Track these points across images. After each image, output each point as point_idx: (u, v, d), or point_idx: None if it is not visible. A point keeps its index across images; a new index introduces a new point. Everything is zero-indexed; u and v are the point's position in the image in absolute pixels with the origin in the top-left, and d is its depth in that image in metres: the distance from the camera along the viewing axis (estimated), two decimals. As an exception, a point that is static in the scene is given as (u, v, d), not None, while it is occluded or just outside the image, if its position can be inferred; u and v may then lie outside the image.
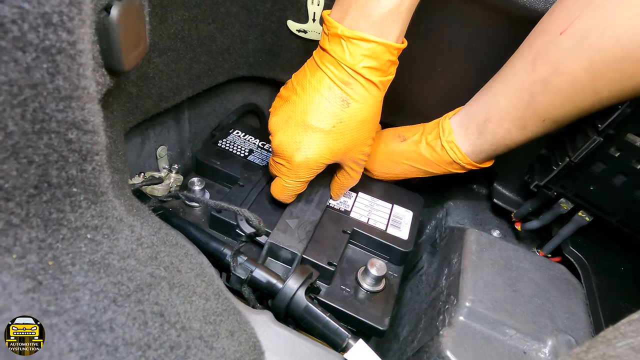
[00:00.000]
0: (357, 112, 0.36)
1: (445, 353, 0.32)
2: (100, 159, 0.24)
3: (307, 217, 0.42)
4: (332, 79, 0.36)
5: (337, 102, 0.36)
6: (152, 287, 0.26)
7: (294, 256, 0.39)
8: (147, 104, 0.42)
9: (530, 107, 0.36)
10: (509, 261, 0.40)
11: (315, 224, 0.42)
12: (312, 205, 0.44)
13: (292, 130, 0.37)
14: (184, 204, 0.44)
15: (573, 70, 0.33)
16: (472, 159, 0.43)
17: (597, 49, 0.31)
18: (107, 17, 0.24)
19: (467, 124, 0.42)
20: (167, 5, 0.39)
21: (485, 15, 0.42)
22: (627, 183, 0.37)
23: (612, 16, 0.30)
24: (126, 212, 0.27)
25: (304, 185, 0.40)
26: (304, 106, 0.37)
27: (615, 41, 0.30)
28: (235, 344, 0.27)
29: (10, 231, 0.21)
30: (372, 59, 0.35)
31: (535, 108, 0.36)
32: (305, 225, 0.41)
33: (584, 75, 0.32)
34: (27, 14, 0.19)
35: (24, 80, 0.20)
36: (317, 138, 0.37)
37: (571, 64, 0.33)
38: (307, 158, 0.37)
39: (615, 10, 0.30)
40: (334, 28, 0.34)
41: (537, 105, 0.36)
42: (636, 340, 0.19)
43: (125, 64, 0.25)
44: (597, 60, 0.31)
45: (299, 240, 0.39)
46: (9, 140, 0.20)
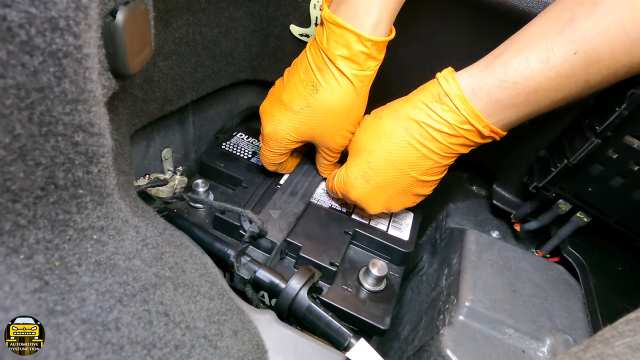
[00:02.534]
0: (323, 101, 0.37)
1: (445, 352, 0.32)
2: (106, 161, 0.25)
3: (290, 209, 0.43)
4: (310, 63, 0.37)
5: (308, 86, 0.37)
6: (157, 287, 0.26)
7: (273, 245, 0.39)
8: (152, 107, 0.43)
9: (565, 31, 0.29)
10: (508, 261, 0.41)
11: (297, 216, 0.42)
12: (297, 198, 0.44)
13: (270, 103, 0.40)
14: (188, 206, 0.45)
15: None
16: (471, 99, 0.33)
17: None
18: (112, 22, 0.24)
19: (473, 65, 0.35)
20: (172, 9, 0.40)
21: (486, 19, 0.42)
22: (625, 184, 0.37)
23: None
24: (131, 213, 0.28)
25: (278, 156, 0.43)
26: (285, 84, 0.39)
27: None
28: (239, 343, 0.28)
29: (17, 232, 0.22)
30: (343, 47, 0.35)
31: (571, 32, 0.29)
32: (288, 217, 0.42)
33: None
34: (34, 18, 0.19)
35: (31, 83, 0.20)
36: (287, 116, 0.39)
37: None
38: (275, 131, 0.40)
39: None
40: (322, 10, 0.35)
41: (575, 29, 0.29)
42: (633, 339, 0.19)
43: (131, 67, 0.26)
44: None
45: (280, 230, 0.40)
46: (17, 142, 0.20)
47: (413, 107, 0.36)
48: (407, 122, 0.36)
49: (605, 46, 0.28)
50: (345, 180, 0.39)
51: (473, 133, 0.34)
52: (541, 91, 0.31)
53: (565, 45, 0.30)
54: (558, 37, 0.30)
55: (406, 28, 0.45)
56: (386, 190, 0.38)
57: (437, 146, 0.35)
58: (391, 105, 0.39)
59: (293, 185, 0.46)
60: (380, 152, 0.37)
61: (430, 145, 0.35)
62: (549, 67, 0.30)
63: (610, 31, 0.28)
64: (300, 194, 0.45)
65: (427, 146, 0.36)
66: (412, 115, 0.36)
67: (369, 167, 0.38)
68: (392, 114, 0.37)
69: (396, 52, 0.48)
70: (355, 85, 0.37)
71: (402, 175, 0.37)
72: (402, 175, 0.37)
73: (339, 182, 0.40)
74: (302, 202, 0.44)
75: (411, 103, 0.36)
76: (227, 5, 0.46)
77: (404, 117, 0.36)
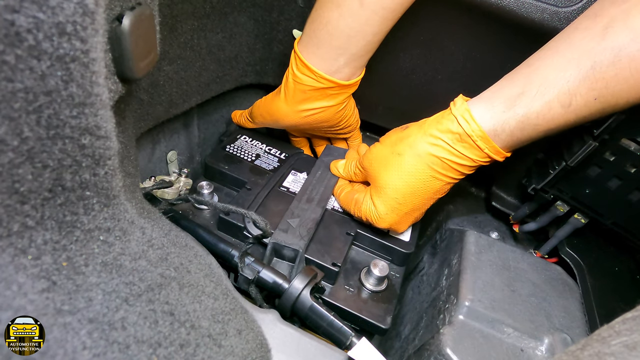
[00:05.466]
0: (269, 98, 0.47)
1: (445, 351, 0.33)
2: (113, 163, 0.25)
3: (308, 216, 0.43)
4: None
5: None
6: (163, 287, 0.26)
7: (296, 253, 0.39)
8: (158, 110, 0.43)
9: (588, 78, 0.30)
10: (507, 262, 0.41)
11: (316, 222, 0.42)
12: (313, 204, 0.45)
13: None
14: (193, 207, 0.45)
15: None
16: (493, 139, 0.34)
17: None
18: (119, 27, 0.24)
19: (491, 100, 0.35)
20: (177, 15, 0.40)
21: (485, 24, 0.42)
22: (622, 186, 0.38)
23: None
24: (137, 214, 0.28)
25: (254, 125, 0.52)
26: None
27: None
28: (243, 342, 0.28)
29: (25, 233, 0.22)
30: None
31: (594, 80, 0.30)
32: (307, 223, 0.42)
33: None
34: (42, 23, 0.19)
35: (39, 87, 0.20)
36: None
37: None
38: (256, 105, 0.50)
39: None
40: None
41: (597, 77, 0.30)
42: (630, 338, 0.19)
43: (137, 71, 0.26)
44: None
45: (300, 237, 0.40)
46: (25, 145, 0.21)
47: (433, 145, 0.37)
48: (429, 159, 0.37)
49: (624, 93, 0.30)
50: (377, 215, 0.41)
51: (489, 162, 0.37)
52: (558, 129, 0.34)
53: (587, 92, 0.31)
54: (581, 83, 0.31)
55: (407, 33, 0.46)
56: (413, 215, 0.42)
57: (457, 175, 0.38)
58: (407, 139, 0.39)
59: (309, 192, 0.46)
60: (407, 189, 0.39)
61: (452, 174, 0.38)
62: (570, 111, 0.32)
63: (631, 81, 0.29)
64: (316, 200, 0.45)
65: (448, 176, 0.38)
66: (434, 152, 0.37)
67: (397, 203, 0.40)
68: (411, 151, 0.38)
69: (397, 56, 0.49)
70: (279, 94, 0.46)
71: (427, 201, 0.41)
72: (427, 201, 0.41)
73: (369, 215, 0.42)
74: (320, 208, 0.44)
75: (429, 138, 0.37)
76: (231, 10, 0.47)
77: (425, 154, 0.37)
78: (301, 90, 0.43)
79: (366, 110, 0.53)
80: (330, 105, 0.45)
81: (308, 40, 0.41)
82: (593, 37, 0.30)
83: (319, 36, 0.40)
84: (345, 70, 0.42)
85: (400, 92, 0.52)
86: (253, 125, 0.53)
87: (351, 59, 0.41)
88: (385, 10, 0.38)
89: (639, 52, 0.28)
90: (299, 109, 0.45)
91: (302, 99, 0.44)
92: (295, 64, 0.43)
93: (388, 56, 0.48)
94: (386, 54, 0.46)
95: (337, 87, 0.43)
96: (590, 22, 0.31)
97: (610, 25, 0.30)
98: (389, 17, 0.38)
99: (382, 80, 0.51)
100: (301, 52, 0.42)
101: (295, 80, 0.43)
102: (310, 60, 0.41)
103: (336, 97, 0.44)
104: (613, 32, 0.29)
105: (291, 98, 0.44)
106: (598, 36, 0.30)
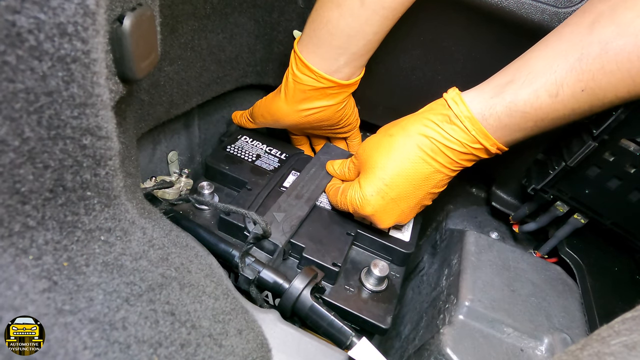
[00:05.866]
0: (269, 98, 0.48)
1: (445, 350, 0.33)
2: (114, 163, 0.25)
3: (294, 212, 0.43)
4: None
5: None
6: (164, 287, 0.26)
7: (275, 247, 0.40)
8: (159, 111, 0.43)
9: (575, 70, 0.31)
10: (507, 262, 0.41)
11: (301, 219, 0.42)
12: (302, 201, 0.45)
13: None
14: (193, 207, 0.45)
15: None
16: (481, 122, 0.35)
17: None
18: (120, 27, 0.24)
19: (482, 87, 0.36)
20: (178, 15, 0.40)
21: (485, 25, 0.43)
22: (621, 187, 0.38)
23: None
24: (138, 214, 0.28)
25: (255, 125, 0.53)
26: None
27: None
28: (244, 342, 0.28)
29: (26, 233, 0.22)
30: None
31: (580, 71, 0.31)
32: (292, 220, 0.42)
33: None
34: (43, 24, 0.19)
35: (40, 88, 0.20)
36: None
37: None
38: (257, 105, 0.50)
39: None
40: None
41: (584, 69, 0.31)
42: (629, 338, 0.19)
43: (138, 72, 0.26)
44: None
45: (283, 232, 0.40)
46: (26, 145, 0.21)
47: (424, 125, 0.37)
48: (419, 138, 0.37)
49: (611, 87, 0.30)
50: (361, 197, 0.39)
51: (481, 151, 0.37)
52: (548, 119, 0.34)
53: (574, 83, 0.31)
54: (568, 74, 0.31)
55: (407, 33, 0.46)
56: (399, 205, 0.40)
57: (447, 161, 0.37)
58: (400, 122, 0.40)
59: (299, 189, 0.46)
60: (394, 168, 0.38)
61: (441, 160, 0.37)
62: (557, 100, 0.32)
63: (617, 75, 0.30)
64: (305, 198, 0.45)
65: (438, 161, 0.37)
66: (423, 132, 0.37)
67: (384, 184, 0.38)
68: (403, 131, 0.38)
69: (397, 56, 0.49)
70: (279, 93, 0.46)
71: (415, 190, 0.39)
72: (415, 190, 0.39)
73: (353, 199, 0.40)
74: (307, 206, 0.44)
75: (421, 121, 0.38)
76: (231, 11, 0.47)
77: (415, 134, 0.37)
78: (301, 89, 0.43)
79: (366, 110, 0.54)
80: (330, 105, 0.45)
81: (308, 40, 0.41)
82: (581, 31, 0.31)
83: (319, 36, 0.40)
84: (345, 69, 0.42)
85: (400, 92, 0.52)
86: (254, 125, 0.53)
87: (351, 59, 0.41)
88: (385, 10, 0.38)
89: (625, 46, 0.29)
90: (299, 109, 0.45)
91: (302, 99, 0.44)
92: (295, 64, 0.43)
93: (388, 56, 0.48)
94: (386, 54, 0.47)
95: (337, 87, 0.43)
96: (579, 18, 0.33)
97: (598, 20, 0.31)
98: (389, 17, 0.39)
99: (382, 80, 0.51)
100: (301, 51, 0.42)
101: (295, 80, 0.43)
102: (310, 59, 0.41)
103: (336, 96, 0.44)
104: (600, 26, 0.30)
105: (291, 98, 0.44)
106: (586, 30, 0.31)
